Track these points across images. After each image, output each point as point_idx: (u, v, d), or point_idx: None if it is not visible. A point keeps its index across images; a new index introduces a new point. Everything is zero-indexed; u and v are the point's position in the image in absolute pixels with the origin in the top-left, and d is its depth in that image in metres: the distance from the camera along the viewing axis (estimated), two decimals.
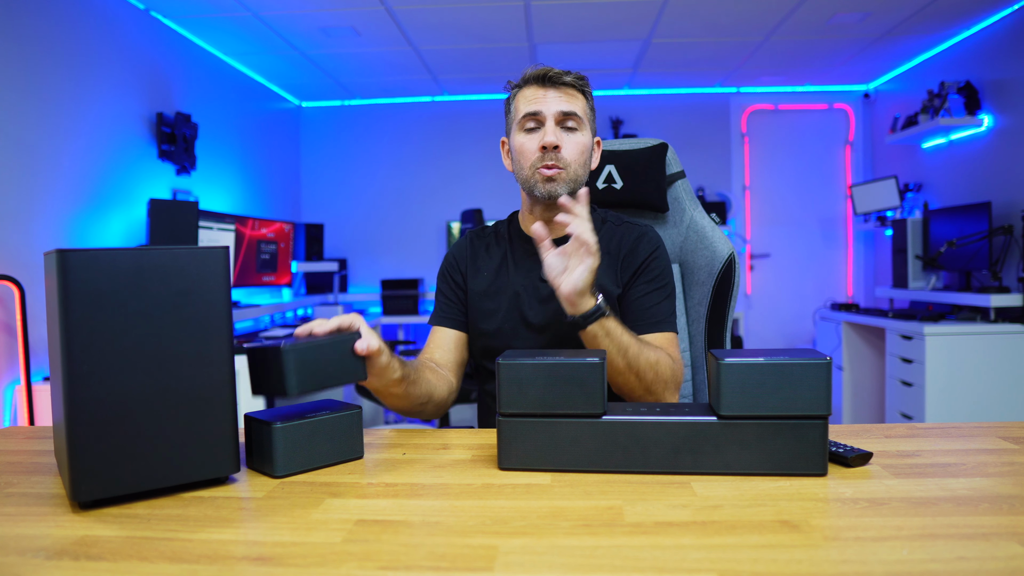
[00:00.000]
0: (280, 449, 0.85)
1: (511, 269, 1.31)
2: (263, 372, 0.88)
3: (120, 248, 0.77)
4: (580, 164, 1.23)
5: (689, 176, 3.50)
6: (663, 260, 1.28)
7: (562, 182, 1.21)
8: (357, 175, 5.10)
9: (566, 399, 0.85)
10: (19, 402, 2.37)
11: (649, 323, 1.23)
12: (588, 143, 1.24)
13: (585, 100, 1.25)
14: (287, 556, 0.63)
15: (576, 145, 1.22)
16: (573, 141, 1.22)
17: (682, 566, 0.59)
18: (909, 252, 3.75)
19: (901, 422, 3.38)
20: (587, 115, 1.25)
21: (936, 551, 0.61)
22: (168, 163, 3.35)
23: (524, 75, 1.25)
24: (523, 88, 1.25)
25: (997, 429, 1.03)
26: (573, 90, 1.23)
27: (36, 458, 0.98)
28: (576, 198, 1.07)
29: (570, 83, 1.22)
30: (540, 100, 1.21)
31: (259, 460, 0.87)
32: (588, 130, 1.25)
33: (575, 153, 1.22)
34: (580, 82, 1.24)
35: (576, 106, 1.22)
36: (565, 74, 1.22)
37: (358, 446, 0.93)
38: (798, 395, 0.80)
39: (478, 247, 1.36)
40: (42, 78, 2.55)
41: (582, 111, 1.23)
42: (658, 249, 1.28)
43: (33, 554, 0.64)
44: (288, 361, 0.85)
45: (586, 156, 1.24)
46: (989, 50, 3.55)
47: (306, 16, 3.36)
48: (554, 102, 1.21)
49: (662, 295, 1.25)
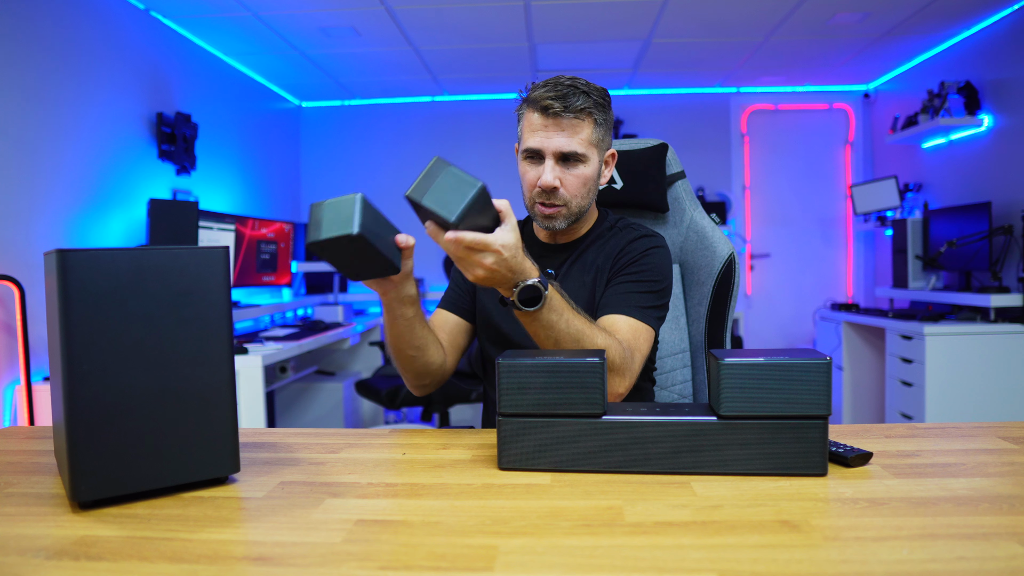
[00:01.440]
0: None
1: None
2: (332, 216, 0.90)
3: (120, 248, 0.77)
4: (582, 196, 1.22)
5: (689, 176, 3.50)
6: (655, 260, 1.24)
7: (562, 218, 1.22)
8: (357, 175, 5.09)
9: (566, 399, 0.85)
10: (19, 402, 2.37)
11: (616, 305, 1.19)
12: (592, 173, 1.21)
13: (592, 124, 1.19)
14: (287, 556, 0.63)
15: (577, 179, 1.19)
16: (574, 175, 1.19)
17: (682, 566, 0.59)
18: (909, 252, 3.75)
19: (901, 422, 3.38)
20: (594, 141, 1.20)
21: (936, 551, 0.61)
22: (168, 163, 3.35)
23: (530, 95, 1.20)
24: (527, 110, 1.20)
25: (997, 429, 1.03)
26: (579, 119, 1.17)
27: (36, 458, 0.98)
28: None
29: (575, 113, 1.16)
30: (541, 136, 1.17)
31: None
32: (596, 156, 1.21)
33: (575, 187, 1.20)
34: (588, 104, 1.17)
35: (578, 141, 1.17)
36: (570, 102, 1.15)
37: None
38: (798, 395, 0.80)
39: None
40: (42, 78, 2.55)
41: (587, 142, 1.18)
42: (653, 251, 1.25)
43: (33, 554, 0.64)
44: (359, 202, 0.89)
45: (589, 186, 1.22)
46: (989, 50, 3.55)
47: (306, 16, 3.36)
48: (555, 139, 1.16)
49: (642, 287, 1.21)
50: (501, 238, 0.95)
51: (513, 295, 1.00)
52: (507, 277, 0.98)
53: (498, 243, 0.95)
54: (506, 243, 0.95)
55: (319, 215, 0.91)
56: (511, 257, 0.96)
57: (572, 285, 1.28)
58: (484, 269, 0.96)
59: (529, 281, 0.99)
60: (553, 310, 1.03)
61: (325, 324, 3.80)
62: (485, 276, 0.98)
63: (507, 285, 1.00)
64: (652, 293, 1.21)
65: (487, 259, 0.95)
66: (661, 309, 1.24)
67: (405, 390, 3.32)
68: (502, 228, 0.96)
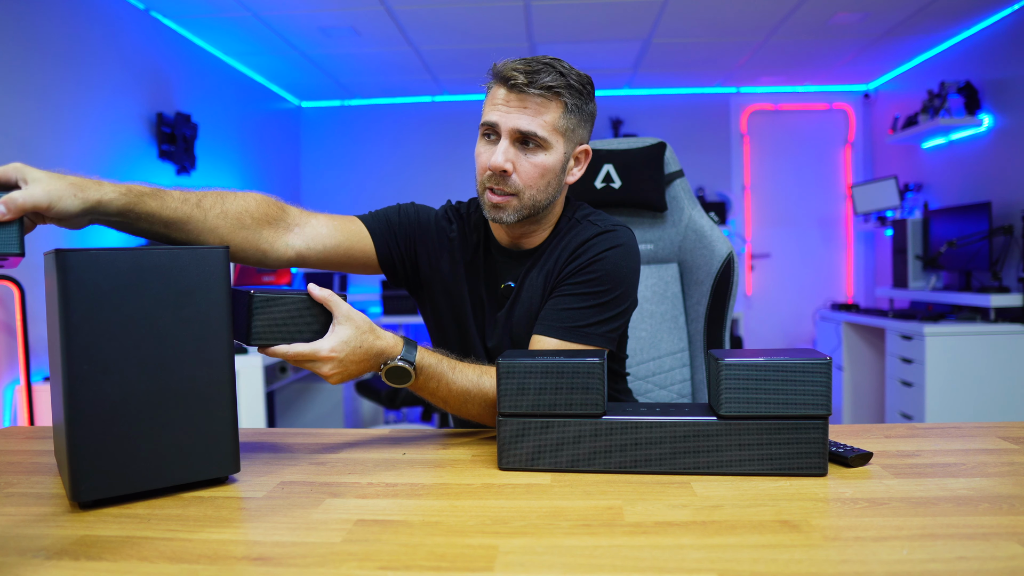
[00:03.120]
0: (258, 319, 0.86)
1: (471, 274, 1.18)
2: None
3: (120, 248, 0.77)
4: (539, 188, 1.05)
5: (689, 176, 3.51)
6: (604, 267, 1.06)
7: (511, 210, 1.05)
8: (357, 175, 5.10)
9: (566, 399, 0.85)
10: (19, 402, 2.37)
11: (545, 322, 1.05)
12: (553, 164, 1.05)
13: (561, 109, 1.03)
14: (287, 556, 0.63)
15: (533, 168, 1.03)
16: (530, 163, 1.03)
17: (682, 566, 0.59)
18: (909, 252, 3.75)
19: (901, 422, 3.38)
20: (559, 128, 1.04)
21: (936, 551, 0.61)
22: (168, 163, 3.35)
23: (495, 67, 1.05)
24: (495, 84, 1.05)
25: (997, 429, 1.03)
26: (545, 98, 1.02)
27: (36, 458, 0.98)
28: None
29: (541, 91, 1.01)
30: (500, 109, 1.03)
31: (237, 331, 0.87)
32: (559, 146, 1.05)
33: (532, 177, 1.04)
34: (558, 84, 1.02)
35: (539, 123, 1.02)
36: (537, 78, 1.01)
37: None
38: (798, 395, 0.80)
39: (447, 231, 1.20)
40: (42, 78, 2.55)
41: (550, 127, 1.02)
42: (604, 255, 1.07)
43: (33, 554, 0.64)
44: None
45: (548, 179, 1.05)
46: (989, 50, 3.55)
47: (306, 16, 3.36)
48: (514, 116, 1.02)
49: (584, 301, 1.05)
50: (328, 343, 0.89)
51: (382, 373, 0.94)
52: (363, 366, 0.93)
53: (325, 350, 0.89)
54: (336, 345, 0.89)
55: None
56: (353, 351, 0.90)
57: (522, 304, 1.13)
58: (334, 375, 0.91)
59: (392, 363, 0.94)
60: (430, 378, 0.97)
61: None
62: (339, 377, 0.92)
63: (372, 369, 0.94)
64: (596, 307, 1.05)
65: (324, 367, 0.90)
66: (611, 321, 1.07)
67: (405, 390, 3.27)
68: (332, 329, 0.90)
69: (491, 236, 1.18)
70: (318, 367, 0.90)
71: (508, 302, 1.15)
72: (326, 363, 0.90)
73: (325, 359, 0.89)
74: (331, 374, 0.91)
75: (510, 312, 1.14)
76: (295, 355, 0.89)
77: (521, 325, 1.13)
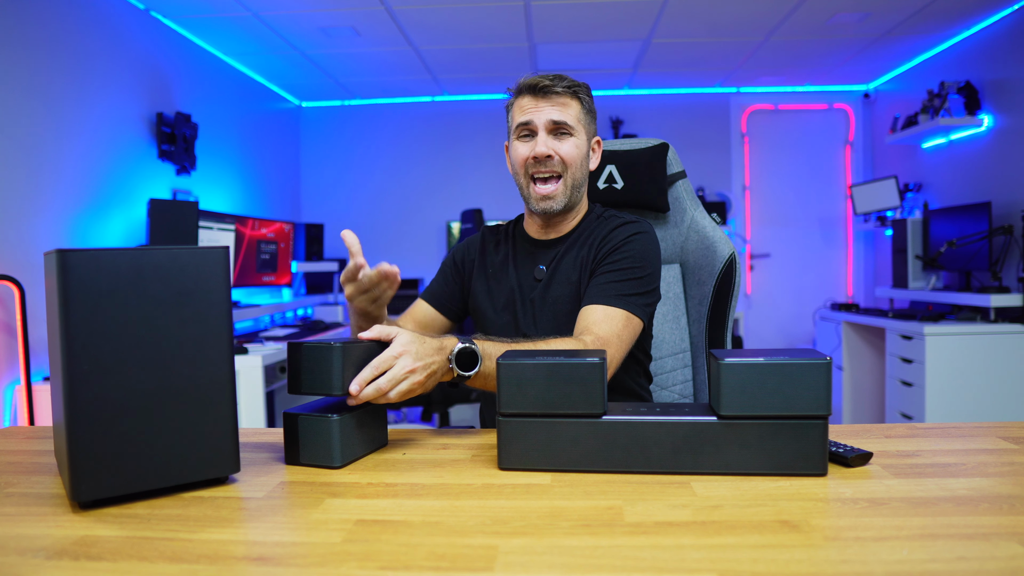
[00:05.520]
0: (337, 440, 0.89)
1: (511, 267, 1.36)
2: (310, 369, 0.91)
3: (120, 248, 0.77)
4: (576, 167, 1.27)
5: (689, 176, 3.50)
6: (637, 247, 1.24)
7: (560, 196, 1.27)
8: (357, 175, 5.09)
9: (566, 399, 0.85)
10: (19, 402, 2.37)
11: (593, 296, 1.20)
12: (583, 146, 1.28)
13: (579, 105, 1.28)
14: (287, 556, 0.63)
15: (569, 149, 1.26)
16: (567, 146, 1.26)
17: (682, 566, 0.59)
18: (909, 252, 3.75)
19: (901, 422, 3.38)
20: (582, 120, 1.28)
21: (936, 551, 0.61)
22: (168, 163, 3.35)
23: (519, 84, 1.29)
24: (518, 98, 1.29)
25: (997, 429, 1.03)
26: (566, 97, 1.26)
27: (36, 458, 0.98)
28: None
29: (561, 92, 1.25)
30: (532, 110, 1.26)
31: (313, 454, 0.90)
32: (583, 134, 1.28)
33: (571, 156, 1.26)
34: (573, 88, 1.27)
35: (568, 114, 1.26)
36: (558, 81, 1.25)
37: (384, 435, 1.01)
38: (798, 395, 0.80)
39: (488, 243, 1.42)
40: (42, 78, 2.55)
41: (575, 118, 1.26)
42: (635, 237, 1.26)
43: (33, 554, 0.64)
44: (336, 359, 0.89)
45: (580, 159, 1.28)
46: (989, 50, 3.55)
47: (306, 16, 3.36)
48: (546, 112, 1.25)
49: (622, 275, 1.21)
50: (396, 346, 0.93)
51: (452, 367, 0.98)
52: (436, 359, 0.96)
53: (398, 347, 0.93)
54: (399, 346, 0.93)
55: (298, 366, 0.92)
56: (419, 346, 0.94)
57: (559, 284, 1.29)
58: (413, 372, 0.93)
59: (457, 348, 0.99)
60: (492, 357, 1.01)
61: (325, 324, 3.80)
62: (420, 376, 0.93)
63: (442, 367, 0.97)
64: (634, 280, 1.21)
65: (404, 362, 0.92)
66: (647, 296, 1.23)
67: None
68: (393, 342, 0.94)
69: (521, 232, 1.39)
70: (399, 369, 0.92)
71: (541, 285, 1.31)
72: (402, 360, 0.92)
73: (399, 354, 0.92)
74: (413, 367, 0.92)
75: (544, 293, 1.30)
76: (377, 368, 0.91)
77: (561, 302, 1.28)
